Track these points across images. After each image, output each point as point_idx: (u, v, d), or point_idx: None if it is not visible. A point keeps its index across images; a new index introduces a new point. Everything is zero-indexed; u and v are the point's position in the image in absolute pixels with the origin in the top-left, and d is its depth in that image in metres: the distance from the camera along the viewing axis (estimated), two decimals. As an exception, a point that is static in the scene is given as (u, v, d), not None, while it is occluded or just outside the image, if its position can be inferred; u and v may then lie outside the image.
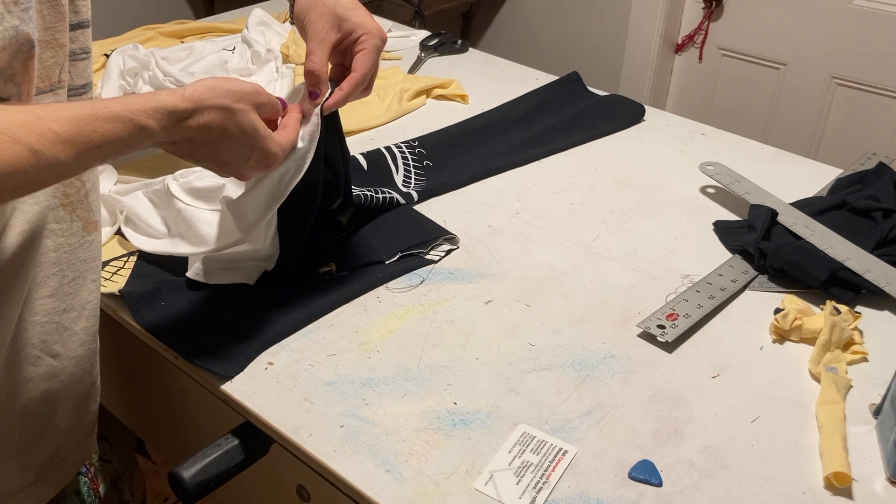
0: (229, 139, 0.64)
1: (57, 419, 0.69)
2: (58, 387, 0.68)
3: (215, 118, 0.61)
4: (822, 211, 0.96)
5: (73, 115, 0.52)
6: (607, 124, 1.19)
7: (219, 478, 0.68)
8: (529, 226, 0.97)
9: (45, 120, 0.50)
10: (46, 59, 0.57)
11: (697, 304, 0.82)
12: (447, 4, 2.48)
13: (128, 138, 0.55)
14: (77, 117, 0.52)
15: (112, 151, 0.55)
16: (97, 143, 0.53)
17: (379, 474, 0.64)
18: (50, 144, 0.50)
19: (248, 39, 1.35)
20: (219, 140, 0.63)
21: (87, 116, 0.53)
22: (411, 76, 1.33)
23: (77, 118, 0.52)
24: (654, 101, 2.37)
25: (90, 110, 0.53)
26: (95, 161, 0.55)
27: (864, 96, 2.05)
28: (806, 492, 0.64)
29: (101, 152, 0.54)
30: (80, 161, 0.53)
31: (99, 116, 0.53)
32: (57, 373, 0.67)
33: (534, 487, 0.63)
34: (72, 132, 0.51)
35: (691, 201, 1.03)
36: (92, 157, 0.54)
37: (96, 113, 0.53)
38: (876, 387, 0.74)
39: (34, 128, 0.50)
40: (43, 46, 0.56)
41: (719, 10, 2.22)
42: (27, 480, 0.68)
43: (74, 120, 0.52)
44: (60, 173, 0.52)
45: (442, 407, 0.71)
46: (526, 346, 0.78)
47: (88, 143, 0.52)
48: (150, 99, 0.57)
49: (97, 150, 0.53)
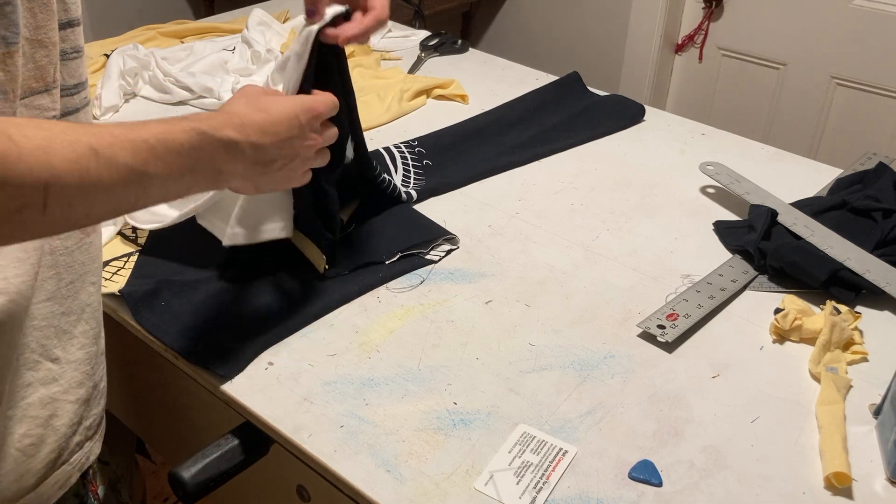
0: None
1: (57, 423, 0.69)
2: (58, 391, 0.67)
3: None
4: (822, 211, 0.96)
5: (128, 122, 0.54)
6: (607, 124, 1.19)
7: (219, 478, 0.68)
8: (529, 226, 0.97)
9: (101, 126, 0.52)
10: (39, 58, 0.57)
11: (697, 304, 0.82)
12: (447, 4, 2.48)
13: (182, 138, 0.56)
14: (130, 123, 0.54)
15: (166, 152, 0.55)
16: (151, 143, 0.54)
17: (379, 474, 0.64)
18: (107, 144, 0.51)
19: (248, 39, 1.35)
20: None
21: (141, 122, 0.55)
22: (411, 76, 1.33)
23: (130, 123, 0.54)
24: (654, 101, 2.37)
25: (143, 121, 0.56)
26: (154, 165, 0.55)
27: (864, 96, 2.05)
28: (806, 492, 0.64)
29: (155, 152, 0.54)
30: (137, 161, 0.53)
31: (151, 122, 0.55)
32: (57, 377, 0.67)
33: (534, 487, 0.63)
34: (126, 131, 0.53)
35: (691, 201, 1.03)
36: (148, 157, 0.54)
37: (148, 121, 0.56)
38: (876, 387, 0.74)
39: (91, 129, 0.51)
40: (35, 45, 0.56)
41: (719, 10, 2.22)
42: (28, 485, 0.68)
43: (128, 124, 0.54)
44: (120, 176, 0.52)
45: (442, 407, 0.71)
46: (526, 346, 0.78)
47: (142, 142, 0.53)
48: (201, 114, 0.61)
49: (151, 149, 0.54)
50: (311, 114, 0.67)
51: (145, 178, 0.54)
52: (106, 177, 0.51)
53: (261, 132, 0.63)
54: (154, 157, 0.54)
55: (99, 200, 0.52)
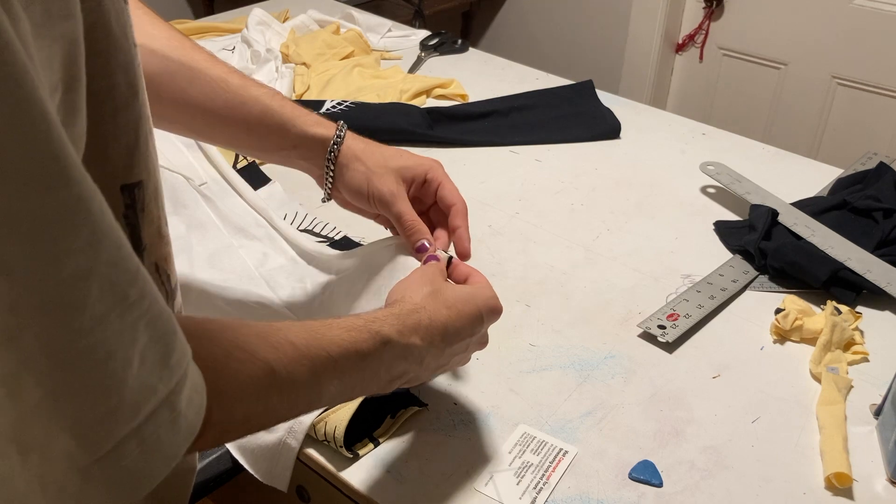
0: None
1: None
2: None
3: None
4: (822, 211, 0.95)
5: (308, 325, 0.50)
6: (577, 132, 1.18)
7: (218, 478, 0.67)
8: (529, 226, 0.96)
9: (282, 330, 0.47)
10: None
11: (698, 304, 0.82)
12: (447, 4, 2.48)
13: (365, 348, 0.52)
14: (311, 327, 0.49)
15: (349, 366, 0.50)
16: (333, 356, 0.49)
17: (379, 474, 0.64)
18: (287, 361, 0.45)
19: (248, 39, 1.35)
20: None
21: (323, 325, 0.50)
22: (411, 76, 1.33)
23: (311, 327, 0.49)
24: (654, 101, 2.37)
25: (324, 322, 0.51)
26: (330, 382, 0.50)
27: (865, 96, 2.04)
28: (806, 492, 0.64)
29: (336, 366, 0.49)
30: (314, 379, 0.48)
31: (334, 325, 0.51)
32: None
33: (534, 488, 0.63)
34: (307, 341, 0.48)
35: (692, 201, 1.03)
36: (327, 374, 0.49)
37: (331, 322, 0.51)
38: (877, 387, 0.73)
39: (271, 340, 0.45)
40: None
41: (720, 10, 2.22)
42: None
43: (309, 328, 0.49)
44: (293, 401, 0.47)
45: (442, 407, 0.70)
46: (526, 346, 0.78)
47: (324, 357, 0.48)
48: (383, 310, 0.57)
49: (333, 364, 0.49)
50: (495, 314, 0.64)
51: (320, 393, 0.49)
52: (277, 403, 0.45)
53: (443, 335, 0.58)
54: (333, 372, 0.49)
55: (268, 420, 0.48)
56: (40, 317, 0.29)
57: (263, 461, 0.66)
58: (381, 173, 0.71)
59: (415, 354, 0.56)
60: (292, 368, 0.46)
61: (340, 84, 1.26)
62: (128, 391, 0.33)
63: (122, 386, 0.33)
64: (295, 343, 0.46)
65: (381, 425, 0.68)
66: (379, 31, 1.48)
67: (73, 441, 0.32)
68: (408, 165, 0.72)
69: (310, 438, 0.66)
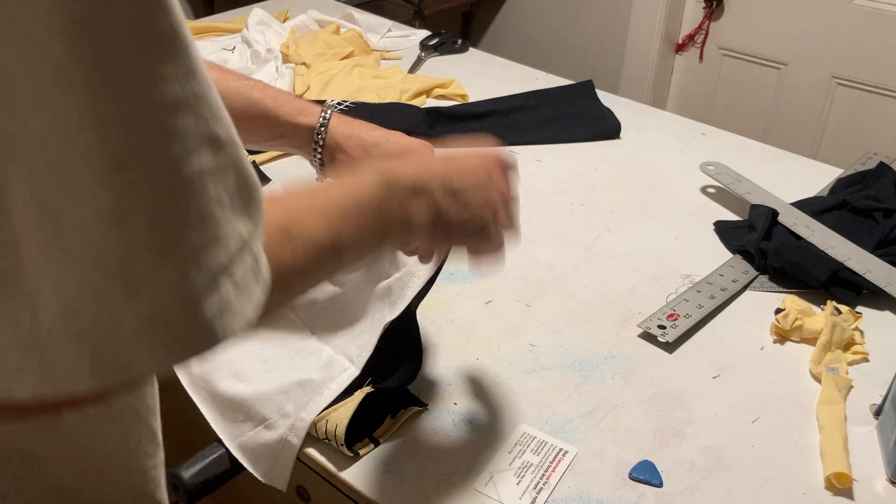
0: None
1: None
2: None
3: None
4: (822, 211, 0.95)
5: (306, 189, 0.50)
6: (577, 132, 1.18)
7: (219, 478, 0.67)
8: (529, 226, 0.96)
9: (283, 197, 0.48)
10: None
11: (698, 304, 0.82)
12: (447, 4, 2.48)
13: (369, 193, 0.52)
14: (309, 189, 0.50)
15: (357, 214, 0.50)
16: (342, 208, 0.50)
17: (379, 474, 0.64)
18: (298, 221, 0.46)
19: (248, 39, 1.35)
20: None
21: (321, 185, 0.51)
22: (411, 76, 1.33)
23: (309, 189, 0.50)
24: (654, 101, 2.37)
25: (323, 183, 0.51)
26: (349, 232, 0.50)
27: (865, 96, 2.04)
28: (806, 492, 0.64)
29: (348, 218, 0.50)
30: (332, 234, 0.48)
31: (331, 182, 0.51)
32: None
33: (534, 488, 0.63)
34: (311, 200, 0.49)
35: (692, 201, 1.03)
36: (342, 228, 0.49)
37: (328, 181, 0.52)
38: (877, 387, 0.73)
39: (275, 204, 0.45)
40: None
41: (720, 10, 2.22)
42: None
43: (308, 190, 0.50)
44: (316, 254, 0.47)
45: (442, 407, 0.70)
46: (526, 346, 0.78)
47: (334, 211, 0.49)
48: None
49: (345, 217, 0.49)
50: (500, 160, 0.61)
51: (341, 248, 0.50)
52: (302, 259, 0.46)
53: (445, 170, 0.57)
54: (347, 224, 0.50)
55: (296, 283, 0.48)
56: (144, 140, 0.29)
57: (264, 460, 0.66)
58: (365, 163, 0.72)
59: (424, 190, 0.54)
60: (305, 227, 0.46)
61: (340, 84, 1.26)
62: (221, 227, 0.33)
63: (218, 220, 0.32)
64: (300, 204, 0.48)
65: (382, 425, 0.68)
66: (379, 31, 1.48)
67: (177, 272, 0.31)
68: (389, 152, 0.73)
69: (310, 437, 0.66)
